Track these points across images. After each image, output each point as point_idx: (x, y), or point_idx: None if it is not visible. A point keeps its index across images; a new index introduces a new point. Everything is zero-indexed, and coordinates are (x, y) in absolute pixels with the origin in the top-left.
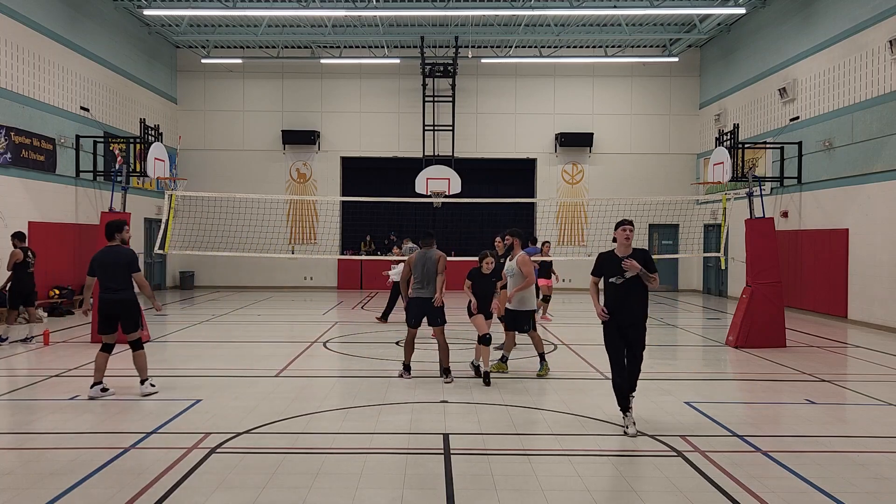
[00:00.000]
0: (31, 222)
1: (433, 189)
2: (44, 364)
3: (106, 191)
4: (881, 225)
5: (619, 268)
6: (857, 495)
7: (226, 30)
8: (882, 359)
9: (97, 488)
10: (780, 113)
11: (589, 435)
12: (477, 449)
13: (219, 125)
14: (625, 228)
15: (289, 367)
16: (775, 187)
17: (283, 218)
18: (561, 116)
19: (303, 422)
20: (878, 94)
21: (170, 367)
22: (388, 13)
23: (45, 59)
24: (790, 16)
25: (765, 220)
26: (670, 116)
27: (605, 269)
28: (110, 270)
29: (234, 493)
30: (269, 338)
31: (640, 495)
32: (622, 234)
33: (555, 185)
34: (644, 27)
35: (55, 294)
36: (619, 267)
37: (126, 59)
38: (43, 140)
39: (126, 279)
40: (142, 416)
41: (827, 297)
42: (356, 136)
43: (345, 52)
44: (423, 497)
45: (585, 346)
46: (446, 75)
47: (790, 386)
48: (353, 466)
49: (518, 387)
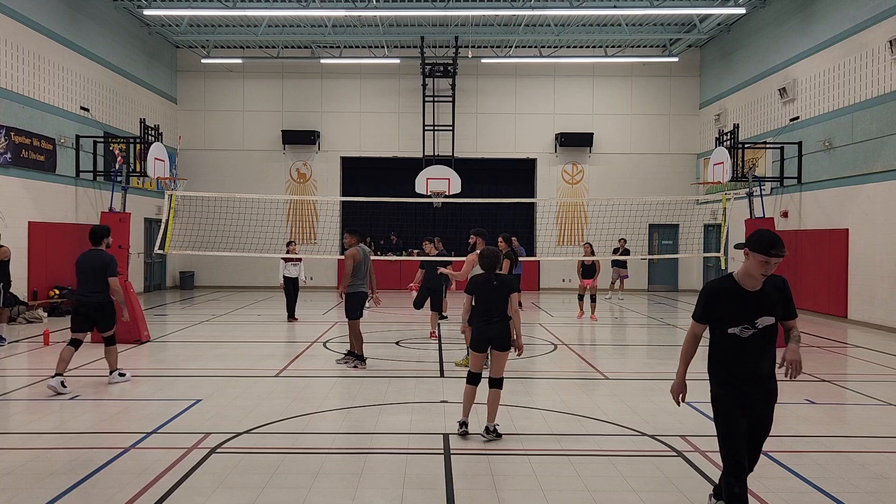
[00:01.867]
0: (31, 222)
1: (433, 189)
2: (44, 364)
3: (106, 191)
4: (881, 225)
5: (750, 311)
6: (857, 495)
7: (226, 30)
8: (882, 359)
9: (97, 488)
10: (780, 113)
11: (589, 435)
12: (477, 449)
13: (219, 125)
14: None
15: (289, 367)
16: (775, 187)
17: (283, 218)
18: (561, 116)
19: (303, 422)
20: (878, 94)
21: (170, 367)
22: (388, 13)
23: (45, 59)
24: (790, 16)
25: (765, 220)
26: (670, 116)
27: (723, 313)
28: (86, 274)
29: (234, 493)
30: (269, 338)
31: (640, 495)
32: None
33: (555, 185)
34: (644, 27)
35: (55, 294)
36: (751, 310)
37: (126, 59)
38: (43, 140)
39: (101, 283)
40: (142, 416)
41: (827, 297)
42: (356, 136)
43: (345, 52)
44: (423, 497)
45: (585, 346)
46: (446, 75)
47: (790, 386)
48: (353, 466)
49: (518, 387)
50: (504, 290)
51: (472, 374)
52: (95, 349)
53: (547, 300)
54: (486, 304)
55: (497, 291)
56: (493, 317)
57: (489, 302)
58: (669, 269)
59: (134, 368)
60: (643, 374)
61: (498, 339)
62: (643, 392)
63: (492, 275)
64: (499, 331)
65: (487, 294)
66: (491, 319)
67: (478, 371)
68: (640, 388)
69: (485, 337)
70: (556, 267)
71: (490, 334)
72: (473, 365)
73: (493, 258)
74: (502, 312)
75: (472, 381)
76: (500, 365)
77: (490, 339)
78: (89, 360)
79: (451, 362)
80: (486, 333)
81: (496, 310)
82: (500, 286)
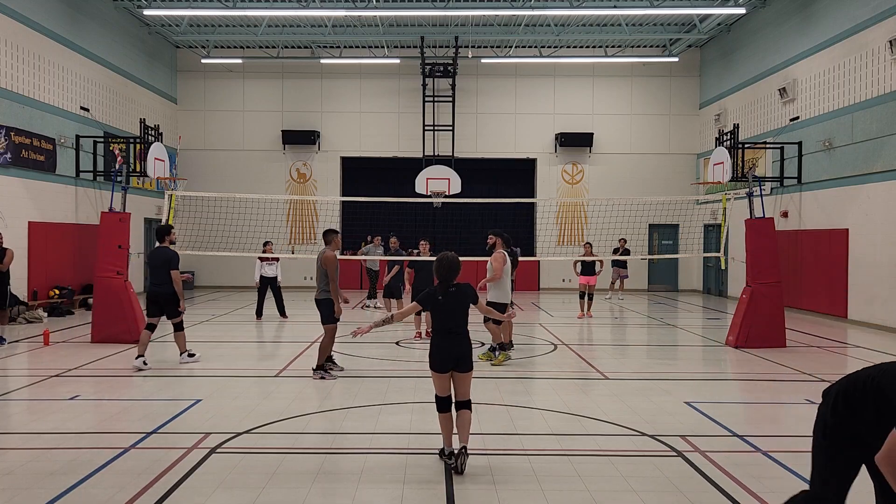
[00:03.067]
0: (31, 222)
1: (433, 189)
2: (44, 364)
3: (106, 191)
4: (881, 225)
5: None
6: (856, 495)
7: (226, 30)
8: (882, 359)
9: (97, 488)
10: (780, 113)
11: (589, 435)
12: (477, 449)
13: (219, 125)
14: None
15: (289, 367)
16: (775, 187)
17: (283, 218)
18: (561, 116)
19: (303, 422)
20: (878, 94)
21: (170, 367)
22: (388, 13)
23: (45, 59)
24: (790, 16)
25: (765, 220)
26: (670, 116)
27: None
28: (154, 268)
29: (234, 493)
30: (270, 338)
31: (640, 495)
32: None
33: (555, 185)
34: (644, 27)
35: (55, 294)
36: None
37: (126, 59)
38: (43, 140)
39: (166, 275)
40: (142, 416)
41: (827, 297)
42: (356, 136)
43: (345, 52)
44: (423, 497)
45: (585, 346)
46: (446, 75)
47: (790, 386)
48: (353, 466)
49: (518, 387)
50: (462, 299)
51: (441, 400)
52: (95, 349)
53: (547, 300)
54: (443, 319)
55: (455, 303)
56: (452, 331)
57: (447, 315)
58: (669, 270)
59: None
60: (643, 374)
61: (461, 358)
62: (643, 392)
63: (448, 286)
64: (461, 349)
65: (444, 307)
66: (450, 335)
67: (446, 395)
68: (640, 388)
69: (447, 356)
70: (556, 267)
71: (452, 353)
72: (440, 388)
73: (451, 268)
74: (462, 326)
75: (444, 407)
76: (465, 387)
77: (453, 359)
78: (89, 360)
79: None
80: (447, 352)
81: (456, 324)
82: (457, 296)
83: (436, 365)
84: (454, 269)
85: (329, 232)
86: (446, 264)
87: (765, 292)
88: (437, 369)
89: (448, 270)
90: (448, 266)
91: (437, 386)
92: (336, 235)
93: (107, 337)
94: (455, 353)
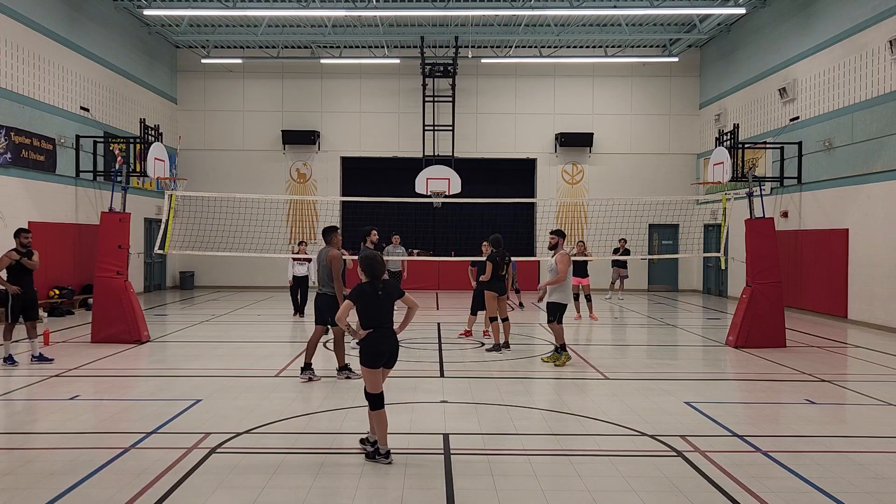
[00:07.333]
0: (31, 222)
1: (433, 189)
2: (44, 364)
3: (106, 191)
4: (881, 225)
5: None
6: (857, 495)
7: (226, 30)
8: (882, 359)
9: (97, 488)
10: (780, 113)
11: (589, 435)
12: (477, 449)
13: (219, 125)
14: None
15: (289, 367)
16: (775, 187)
17: (283, 218)
18: (561, 116)
19: (303, 422)
20: (878, 94)
21: (170, 367)
22: (388, 13)
23: (45, 59)
24: (790, 16)
25: (765, 220)
26: (670, 116)
27: None
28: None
29: (234, 493)
30: (269, 338)
31: (640, 495)
32: None
33: (555, 185)
34: (644, 27)
35: (55, 294)
36: None
37: (126, 59)
38: (43, 140)
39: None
40: (142, 416)
41: (827, 297)
42: (356, 136)
43: (345, 52)
44: (423, 497)
45: (585, 346)
46: (446, 75)
47: (790, 386)
48: (353, 466)
49: (518, 387)
50: (392, 294)
51: (376, 397)
52: (95, 349)
53: None
54: (378, 314)
55: (387, 298)
56: (384, 325)
57: (376, 311)
58: (669, 270)
59: (134, 368)
60: (643, 374)
61: (392, 352)
62: (643, 392)
63: (377, 283)
64: (394, 342)
65: (373, 302)
66: (384, 329)
67: (380, 391)
68: (640, 388)
69: (378, 351)
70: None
71: (387, 347)
72: (373, 385)
73: (375, 266)
74: (391, 321)
75: (379, 403)
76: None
77: (387, 354)
78: (89, 360)
79: (451, 362)
80: (379, 347)
81: (389, 319)
82: (388, 291)
83: (371, 361)
84: (383, 265)
85: (329, 230)
86: (380, 261)
87: (765, 292)
88: (371, 365)
89: (382, 266)
90: (381, 263)
91: (369, 383)
92: (336, 233)
93: (107, 337)
94: (390, 346)
